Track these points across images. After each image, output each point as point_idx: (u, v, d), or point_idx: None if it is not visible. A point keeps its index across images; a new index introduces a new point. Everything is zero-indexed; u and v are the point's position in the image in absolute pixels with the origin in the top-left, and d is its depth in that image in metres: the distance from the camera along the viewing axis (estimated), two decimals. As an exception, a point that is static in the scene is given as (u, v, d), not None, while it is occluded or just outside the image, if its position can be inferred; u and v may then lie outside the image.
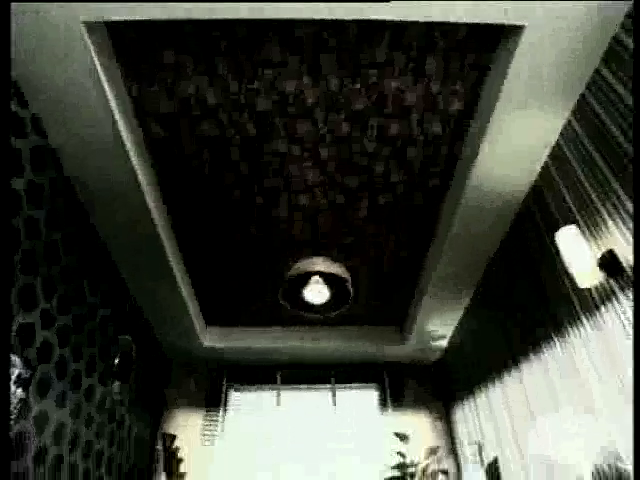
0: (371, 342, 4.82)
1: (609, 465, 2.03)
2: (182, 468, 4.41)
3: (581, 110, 2.32)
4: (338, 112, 2.74)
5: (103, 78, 2.32)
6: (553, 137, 2.58)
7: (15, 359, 2.24)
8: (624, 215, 1.97)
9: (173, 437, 4.48)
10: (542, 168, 2.74)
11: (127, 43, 2.37)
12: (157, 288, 3.85)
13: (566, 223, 2.42)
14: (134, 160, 2.79)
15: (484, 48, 2.40)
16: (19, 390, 2.29)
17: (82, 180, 2.85)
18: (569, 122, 2.43)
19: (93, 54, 2.19)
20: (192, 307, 4.27)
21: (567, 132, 2.45)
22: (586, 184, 2.25)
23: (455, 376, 4.48)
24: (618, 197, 2.00)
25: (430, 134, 2.88)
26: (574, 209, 2.36)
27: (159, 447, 4.52)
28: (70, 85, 2.31)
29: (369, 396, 5.05)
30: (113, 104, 2.46)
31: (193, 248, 3.78)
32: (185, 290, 4.01)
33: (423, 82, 2.56)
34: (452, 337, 4.57)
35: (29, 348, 2.43)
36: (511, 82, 2.32)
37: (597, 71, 2.20)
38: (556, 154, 2.57)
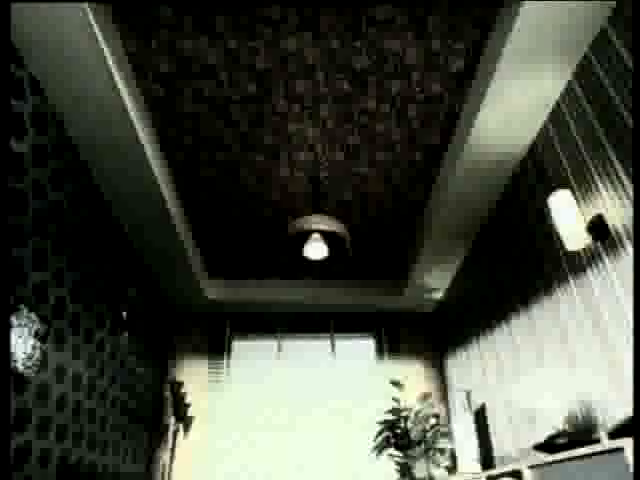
0: (369, 294, 4.99)
1: (580, 411, 2.21)
2: (190, 412, 4.69)
3: (583, 72, 2.31)
4: (338, 71, 2.72)
5: (100, 37, 2.29)
6: (553, 98, 2.58)
7: (32, 315, 2.37)
8: (616, 182, 2.02)
9: (180, 384, 4.73)
10: (540, 129, 2.75)
11: (123, 1, 2.32)
12: (160, 243, 3.94)
13: (560, 185, 2.48)
14: (134, 119, 2.79)
15: (488, 4, 2.36)
16: (38, 343, 2.43)
17: (83, 139, 2.86)
18: (570, 83, 2.43)
19: (89, 12, 2.15)
20: (195, 261, 4.38)
21: (568, 94, 2.45)
22: (582, 148, 2.28)
23: (449, 327, 4.67)
24: (612, 164, 2.05)
25: (430, 93, 2.87)
26: (569, 172, 2.41)
27: (167, 393, 4.79)
28: (67, 45, 2.28)
29: (366, 345, 5.27)
30: (111, 63, 2.44)
31: (195, 205, 3.85)
32: (188, 244, 4.10)
33: (424, 40, 2.53)
34: (447, 290, 4.73)
35: (44, 305, 2.55)
36: (514, 40, 2.29)
37: (602, 31, 2.17)
38: (555, 116, 2.58)
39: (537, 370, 2.76)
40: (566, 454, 1.57)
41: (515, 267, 3.10)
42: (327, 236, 3.48)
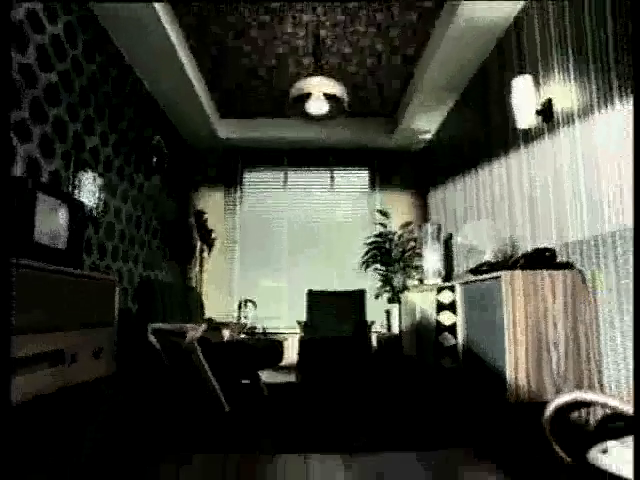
0: (365, 131, 5.51)
1: (507, 247, 3.05)
2: (212, 235, 5.66)
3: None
4: (339, -62, 2.80)
5: None
6: (539, -26, 2.74)
7: (94, 174, 3.00)
8: (566, 72, 2.43)
9: (202, 212, 5.60)
10: (526, 3, 2.95)
11: None
12: (176, 92, 4.31)
13: (532, 64, 2.84)
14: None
15: None
16: (101, 194, 3.12)
17: (103, 9, 3.08)
18: (555, -37, 2.59)
19: None
20: (207, 104, 4.79)
21: (550, -27, 2.63)
22: (553, 33, 2.59)
23: (433, 167, 5.31)
24: (567, 55, 2.43)
25: (428, -41, 2.97)
26: (539, 54, 2.75)
27: (192, 220, 5.69)
28: None
29: (361, 177, 5.99)
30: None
31: (206, 54, 4.12)
32: (200, 91, 4.47)
33: None
34: (435, 133, 5.23)
35: (98, 164, 3.16)
36: None
37: None
38: (539, -9, 2.77)
39: (489, 216, 3.52)
40: (482, 277, 2.39)
41: (490, 126, 3.60)
42: (327, 94, 3.87)
